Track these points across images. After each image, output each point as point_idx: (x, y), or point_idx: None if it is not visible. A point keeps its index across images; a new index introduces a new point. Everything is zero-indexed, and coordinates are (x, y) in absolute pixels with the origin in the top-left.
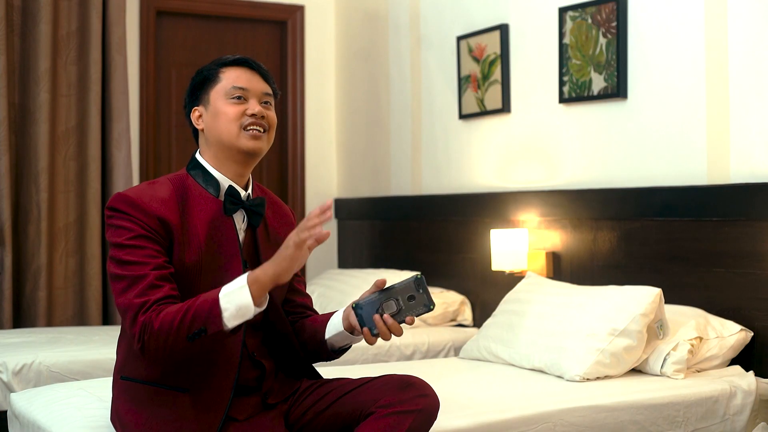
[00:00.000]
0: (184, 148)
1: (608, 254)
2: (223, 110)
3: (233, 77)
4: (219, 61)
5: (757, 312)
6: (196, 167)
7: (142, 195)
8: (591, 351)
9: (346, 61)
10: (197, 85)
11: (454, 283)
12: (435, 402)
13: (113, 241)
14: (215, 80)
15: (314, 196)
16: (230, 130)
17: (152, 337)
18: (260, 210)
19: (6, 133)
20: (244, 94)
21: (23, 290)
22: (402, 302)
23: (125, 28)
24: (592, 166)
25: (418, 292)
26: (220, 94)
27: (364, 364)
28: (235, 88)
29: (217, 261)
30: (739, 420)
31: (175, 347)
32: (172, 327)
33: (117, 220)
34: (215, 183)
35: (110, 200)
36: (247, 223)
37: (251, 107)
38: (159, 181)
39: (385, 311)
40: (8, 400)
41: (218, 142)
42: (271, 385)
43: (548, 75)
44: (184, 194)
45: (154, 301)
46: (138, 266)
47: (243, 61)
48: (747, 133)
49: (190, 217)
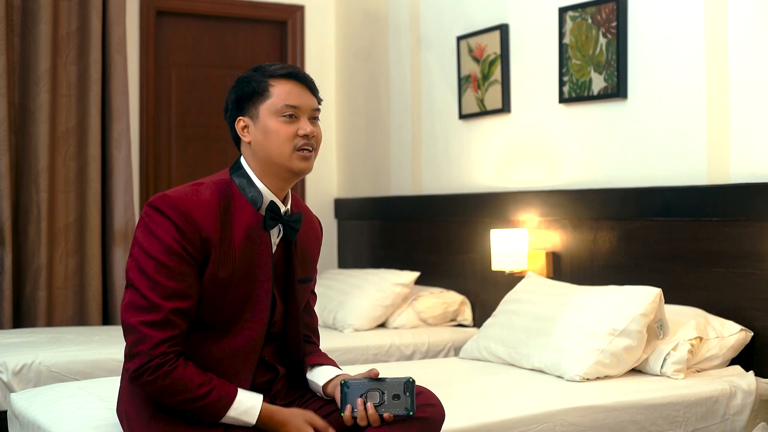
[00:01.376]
0: (185, 148)
1: (608, 254)
2: (275, 129)
3: (284, 93)
4: (267, 72)
5: (757, 312)
6: (241, 174)
7: (187, 200)
8: (591, 351)
9: (346, 61)
10: (244, 96)
11: (454, 283)
12: (441, 412)
13: (143, 246)
14: (265, 94)
15: (314, 196)
16: (282, 151)
17: (150, 383)
18: (297, 226)
19: (6, 133)
20: (295, 113)
21: (23, 290)
22: (386, 397)
23: (125, 28)
24: (592, 166)
25: (404, 394)
26: (270, 111)
27: (364, 364)
28: (287, 106)
29: (249, 275)
30: (739, 420)
31: (164, 400)
32: (177, 394)
33: (154, 224)
34: (259, 195)
35: (153, 199)
36: (281, 237)
37: (303, 127)
38: (203, 185)
39: (368, 400)
40: (8, 400)
41: (267, 158)
42: (280, 387)
43: (548, 75)
44: (228, 203)
45: (159, 341)
46: (157, 289)
47: (294, 74)
48: (747, 133)
49: (229, 227)
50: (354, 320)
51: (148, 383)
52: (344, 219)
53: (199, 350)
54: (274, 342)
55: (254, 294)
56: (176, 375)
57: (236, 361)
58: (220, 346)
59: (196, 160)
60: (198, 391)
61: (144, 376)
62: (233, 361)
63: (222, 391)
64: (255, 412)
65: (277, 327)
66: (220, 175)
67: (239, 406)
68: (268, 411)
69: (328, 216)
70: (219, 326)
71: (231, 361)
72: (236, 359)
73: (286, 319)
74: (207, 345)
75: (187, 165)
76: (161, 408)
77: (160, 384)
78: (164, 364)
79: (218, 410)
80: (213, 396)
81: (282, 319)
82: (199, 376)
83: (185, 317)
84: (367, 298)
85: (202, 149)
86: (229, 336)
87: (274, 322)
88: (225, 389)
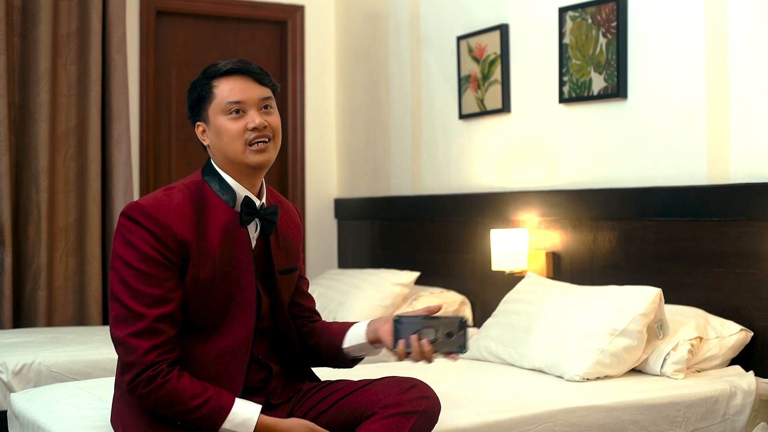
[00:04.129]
0: (185, 148)
1: (608, 254)
2: (224, 128)
3: (226, 91)
4: (210, 74)
5: (757, 312)
6: (211, 174)
7: (159, 206)
8: (591, 351)
9: (346, 61)
10: (194, 102)
11: (454, 283)
12: (436, 404)
13: (122, 256)
14: (209, 96)
15: (314, 196)
16: (235, 148)
17: (146, 396)
18: (274, 218)
19: (6, 133)
20: (241, 107)
21: (23, 290)
22: (440, 334)
23: (125, 28)
24: (592, 166)
25: (458, 333)
26: (217, 111)
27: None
28: (230, 103)
29: (231, 272)
30: (739, 420)
31: (161, 412)
32: (171, 407)
33: (129, 233)
34: (231, 192)
35: (126, 208)
36: (260, 231)
37: (251, 120)
38: (175, 188)
39: (423, 337)
40: (8, 400)
41: (226, 158)
42: (275, 386)
43: (548, 75)
44: (201, 203)
45: (147, 349)
46: (139, 297)
47: (233, 69)
48: (747, 133)
49: (205, 229)
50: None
51: (144, 396)
52: (344, 219)
53: (190, 352)
54: (267, 339)
55: (238, 291)
56: (170, 387)
57: (228, 360)
58: (210, 347)
59: (196, 160)
60: (191, 403)
61: (139, 388)
62: (225, 361)
63: (217, 402)
64: (251, 424)
65: (266, 322)
66: (192, 177)
67: (235, 418)
68: (265, 423)
69: (328, 216)
70: (207, 327)
71: (222, 361)
72: (227, 359)
73: (275, 313)
74: (197, 347)
75: (187, 165)
76: (158, 416)
77: (155, 397)
78: (157, 376)
79: (213, 422)
80: (207, 408)
81: (270, 313)
82: (193, 388)
83: (171, 322)
84: (367, 298)
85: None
86: (217, 336)
87: (263, 316)
88: (220, 401)
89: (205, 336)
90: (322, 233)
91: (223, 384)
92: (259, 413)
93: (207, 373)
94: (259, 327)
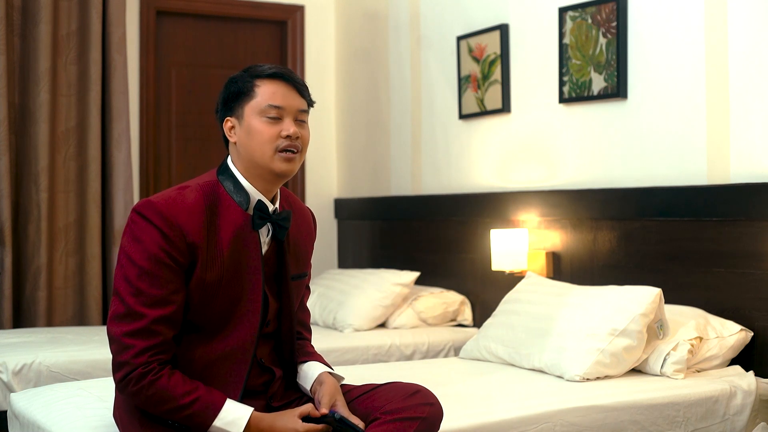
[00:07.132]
0: (185, 148)
1: (608, 254)
2: (258, 129)
3: (269, 93)
4: (254, 73)
5: (757, 312)
6: (227, 175)
7: (172, 206)
8: (591, 351)
9: (346, 61)
10: (231, 96)
11: (454, 283)
12: (439, 411)
13: (129, 253)
14: (250, 94)
15: (314, 197)
16: (264, 152)
17: (136, 394)
18: (286, 224)
19: (6, 133)
20: (279, 113)
21: (23, 290)
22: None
23: (125, 28)
24: (592, 166)
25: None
26: (254, 111)
27: (364, 364)
28: (270, 106)
29: (238, 275)
30: (739, 420)
31: (151, 410)
32: (161, 404)
33: (139, 230)
34: (245, 195)
35: (138, 204)
36: (272, 236)
37: (286, 128)
38: (189, 188)
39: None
40: (8, 400)
41: (250, 159)
42: (276, 389)
43: (548, 75)
44: (214, 204)
45: (141, 350)
46: (140, 296)
47: (279, 74)
48: (747, 133)
49: (216, 231)
50: (354, 320)
51: (134, 393)
52: (344, 219)
53: (190, 353)
54: (270, 342)
55: (245, 295)
56: (160, 385)
57: (228, 363)
58: (211, 349)
59: (196, 160)
60: (181, 400)
61: (129, 386)
62: (225, 363)
63: (207, 400)
64: (241, 423)
65: (271, 326)
66: (206, 177)
67: (225, 416)
68: (256, 419)
69: (328, 216)
70: (210, 329)
71: (223, 363)
72: (228, 361)
73: (281, 317)
74: (198, 348)
75: (187, 165)
76: (150, 415)
77: (145, 394)
78: (147, 373)
79: (204, 420)
80: (197, 406)
81: (276, 318)
82: (184, 386)
83: (170, 324)
84: (367, 298)
85: (202, 149)
86: (220, 338)
87: (268, 321)
88: (211, 399)
89: (208, 337)
90: (322, 233)
91: (224, 386)
92: (251, 411)
93: (208, 374)
94: (264, 331)
